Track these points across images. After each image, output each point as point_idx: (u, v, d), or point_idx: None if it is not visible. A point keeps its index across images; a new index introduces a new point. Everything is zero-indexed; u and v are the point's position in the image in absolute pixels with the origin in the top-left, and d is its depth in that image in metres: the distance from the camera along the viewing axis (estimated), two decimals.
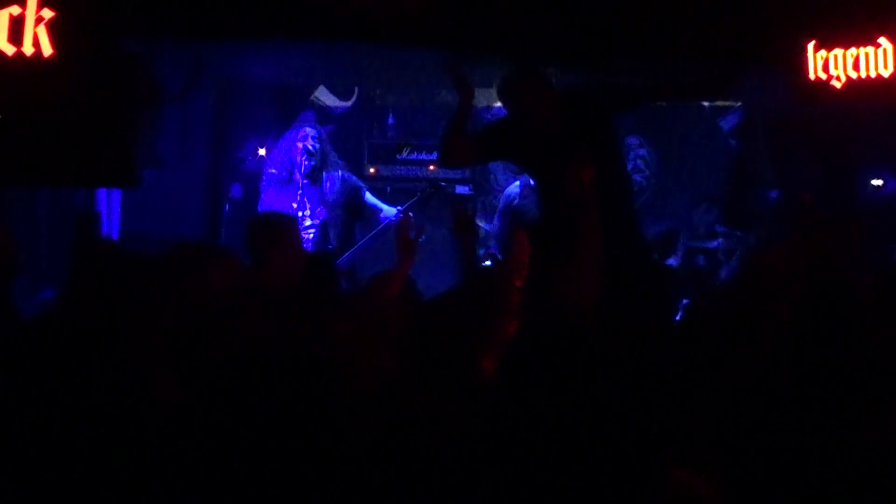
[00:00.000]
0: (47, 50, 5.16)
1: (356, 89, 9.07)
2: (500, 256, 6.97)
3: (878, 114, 6.40)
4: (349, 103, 9.11)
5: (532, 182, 6.77)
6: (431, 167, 8.48)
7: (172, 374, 3.13)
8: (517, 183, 7.03)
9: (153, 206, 7.48)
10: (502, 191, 9.13)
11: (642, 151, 9.32)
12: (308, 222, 7.00)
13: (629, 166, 9.33)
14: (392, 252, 6.60)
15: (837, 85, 5.77)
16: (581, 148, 5.11)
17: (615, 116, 5.84)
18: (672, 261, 8.04)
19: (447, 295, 3.98)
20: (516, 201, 6.77)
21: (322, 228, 7.06)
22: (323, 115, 9.02)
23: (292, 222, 5.72)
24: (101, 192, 6.83)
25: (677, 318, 4.96)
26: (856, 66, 5.71)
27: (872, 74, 5.66)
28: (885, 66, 5.63)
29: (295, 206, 6.96)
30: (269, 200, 7.08)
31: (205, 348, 3.31)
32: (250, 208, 7.39)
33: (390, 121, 8.84)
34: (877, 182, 7.60)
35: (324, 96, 9.07)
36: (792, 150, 7.89)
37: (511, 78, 5.70)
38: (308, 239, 6.85)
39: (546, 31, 6.11)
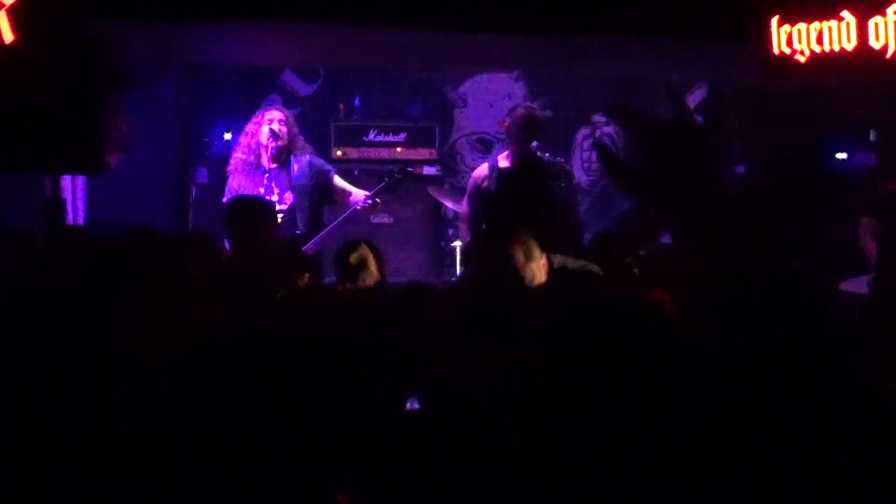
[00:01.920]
0: (8, 37, 5.11)
1: (322, 72, 9.06)
2: (468, 238, 6.94)
3: (843, 87, 6.44)
4: (315, 86, 9.10)
5: (500, 163, 6.80)
6: (398, 149, 8.48)
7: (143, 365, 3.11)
8: (485, 165, 7.03)
9: (119, 192, 7.44)
10: (470, 171, 9.15)
11: (609, 129, 9.36)
12: (276, 207, 6.97)
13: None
14: (360, 235, 6.63)
15: (801, 59, 5.79)
16: None
17: None
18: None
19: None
20: (485, 184, 6.76)
21: (290, 213, 7.03)
22: (289, 98, 9.01)
23: (271, 208, 5.71)
24: (66, 179, 6.79)
25: None
26: (819, 40, 5.73)
27: (836, 48, 5.68)
28: (849, 40, 5.65)
29: (262, 190, 6.92)
30: (237, 185, 7.04)
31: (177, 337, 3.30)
32: (217, 193, 7.35)
33: (357, 103, 8.83)
34: (842, 155, 7.66)
35: (290, 79, 9.05)
36: (758, 125, 7.94)
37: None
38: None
39: (511, 8, 6.11)
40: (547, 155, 6.77)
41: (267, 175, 6.97)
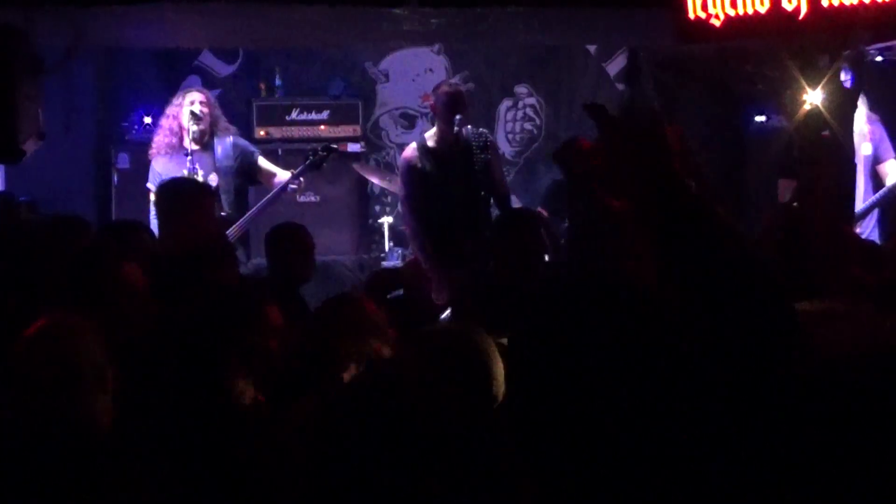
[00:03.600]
0: None
1: (241, 52, 8.98)
2: (408, 227, 6.91)
3: (758, 50, 6.52)
4: (234, 66, 9.02)
5: (427, 142, 6.83)
6: (322, 127, 8.44)
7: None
8: (413, 144, 7.05)
9: (39, 180, 7.34)
10: (395, 147, 9.14)
11: (531, 100, 9.39)
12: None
13: (519, 115, 9.43)
14: (286, 215, 6.60)
15: (717, 23, 5.86)
16: None
17: None
18: None
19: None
20: (418, 165, 6.79)
21: (215, 195, 6.97)
22: (208, 79, 8.92)
23: (205, 190, 5.64)
24: None
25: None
26: (733, 4, 5.79)
27: (750, 11, 5.75)
28: (762, 3, 5.72)
29: (186, 172, 6.86)
30: (160, 168, 6.97)
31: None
32: (139, 178, 7.27)
33: (277, 82, 8.77)
34: (760, 118, 7.76)
35: (208, 60, 8.96)
36: (678, 90, 8.02)
37: None
38: None
39: None
40: (469, 128, 6.80)
41: (190, 157, 6.90)
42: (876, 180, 7.09)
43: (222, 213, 6.89)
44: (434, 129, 6.83)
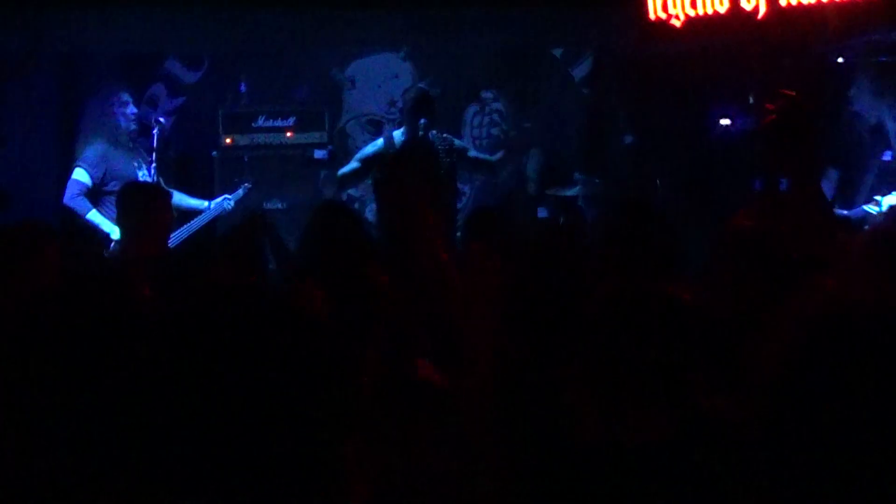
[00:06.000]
0: None
1: (206, 59, 8.93)
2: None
3: (719, 51, 6.55)
4: (200, 73, 8.97)
5: (395, 140, 6.90)
6: (288, 133, 8.40)
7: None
8: (380, 141, 7.08)
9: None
10: None
11: (497, 105, 9.39)
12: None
13: (486, 120, 9.42)
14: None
15: (677, 23, 5.89)
16: None
17: None
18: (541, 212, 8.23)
19: None
20: (387, 153, 6.88)
21: None
22: (174, 87, 8.87)
23: (161, 192, 5.66)
24: None
25: None
26: (693, 4, 5.83)
27: (710, 11, 5.79)
28: (721, 3, 5.76)
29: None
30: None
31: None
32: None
33: (242, 89, 8.72)
34: (725, 121, 7.77)
35: (174, 68, 8.91)
36: (642, 93, 8.04)
37: None
38: None
39: None
40: (434, 132, 6.84)
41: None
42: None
43: None
44: (402, 129, 6.94)
